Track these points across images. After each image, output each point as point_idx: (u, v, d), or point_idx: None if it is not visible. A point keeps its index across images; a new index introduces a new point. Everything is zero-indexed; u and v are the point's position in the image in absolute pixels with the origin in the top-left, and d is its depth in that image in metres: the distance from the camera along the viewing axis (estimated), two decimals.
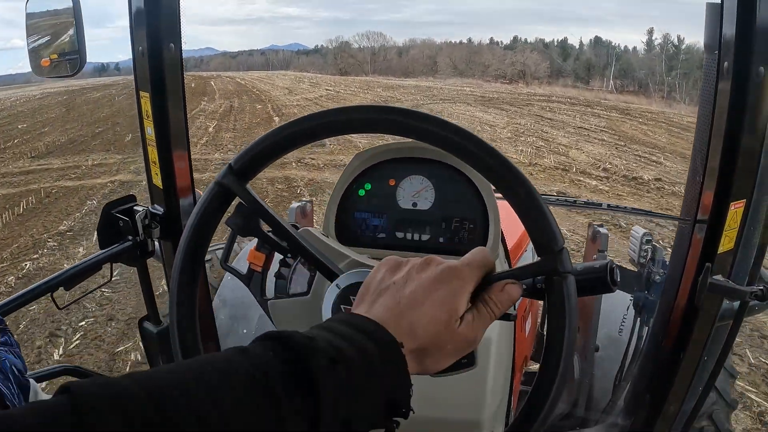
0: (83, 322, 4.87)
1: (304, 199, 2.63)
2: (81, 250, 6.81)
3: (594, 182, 11.01)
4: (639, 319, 2.09)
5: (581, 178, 11.31)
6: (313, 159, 11.97)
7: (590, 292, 0.89)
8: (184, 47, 1.52)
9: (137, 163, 11.92)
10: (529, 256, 2.06)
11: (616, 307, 2.32)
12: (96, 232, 1.60)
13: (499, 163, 0.82)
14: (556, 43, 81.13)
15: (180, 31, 1.49)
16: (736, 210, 1.24)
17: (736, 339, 4.19)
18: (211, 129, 17.41)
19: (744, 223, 1.26)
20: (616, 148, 15.15)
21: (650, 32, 66.00)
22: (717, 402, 2.10)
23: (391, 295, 0.76)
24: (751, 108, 1.14)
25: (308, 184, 10.04)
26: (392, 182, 1.46)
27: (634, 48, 71.32)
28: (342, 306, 0.99)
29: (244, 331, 2.34)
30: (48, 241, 7.17)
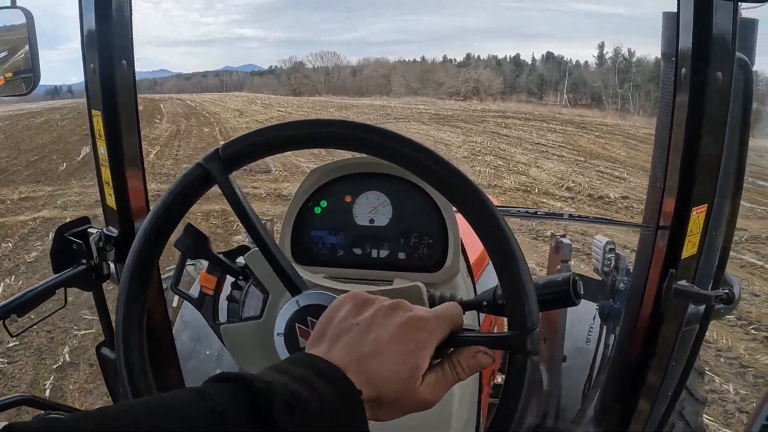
0: None
1: (264, 218, 2.59)
2: None
3: (559, 203, 10.84)
4: (605, 327, 2.11)
5: (545, 200, 11.14)
6: (255, 188, 11.49)
7: (553, 307, 0.88)
8: (138, 69, 1.49)
9: (66, 196, 11.35)
10: (491, 272, 2.06)
11: (582, 317, 2.33)
12: (50, 256, 1.54)
13: (495, 227, 0.78)
14: (508, 59, 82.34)
15: (132, 49, 1.46)
16: (698, 215, 1.25)
17: (742, 391, 4.03)
18: (152, 156, 16.60)
19: (706, 227, 1.28)
20: (577, 164, 15.17)
21: (601, 46, 67.73)
22: (686, 400, 2.14)
23: (353, 337, 0.73)
24: (710, 112, 1.16)
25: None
26: (348, 199, 1.44)
27: (586, 62, 73.05)
28: (297, 325, 0.95)
29: (207, 352, 2.30)
30: None
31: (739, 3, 1.12)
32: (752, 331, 5.29)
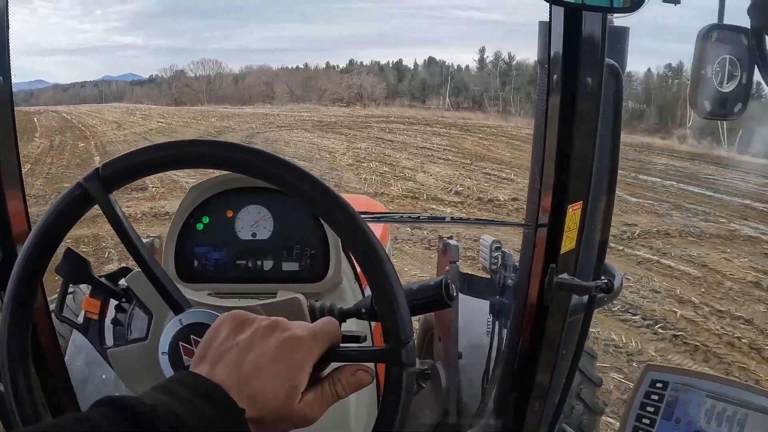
0: None
1: (151, 234, 2.52)
2: None
3: (449, 209, 10.82)
4: (497, 322, 2.17)
5: (434, 206, 11.09)
6: (128, 207, 10.56)
7: (427, 310, 0.92)
8: (13, 80, 1.42)
9: None
10: None
11: (475, 314, 2.40)
12: None
13: (361, 239, 0.80)
14: (391, 65, 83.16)
15: (9, 64, 1.38)
16: (574, 212, 1.33)
17: None
18: None
19: (583, 223, 1.36)
20: (463, 167, 15.32)
21: (482, 51, 69.59)
22: (583, 382, 2.27)
23: (233, 358, 0.74)
24: (581, 116, 1.24)
25: (119, 244, 8.67)
26: (230, 214, 1.45)
27: (467, 66, 74.64)
28: (181, 343, 0.94)
29: (103, 376, 2.20)
30: None
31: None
32: (660, 331, 5.38)
